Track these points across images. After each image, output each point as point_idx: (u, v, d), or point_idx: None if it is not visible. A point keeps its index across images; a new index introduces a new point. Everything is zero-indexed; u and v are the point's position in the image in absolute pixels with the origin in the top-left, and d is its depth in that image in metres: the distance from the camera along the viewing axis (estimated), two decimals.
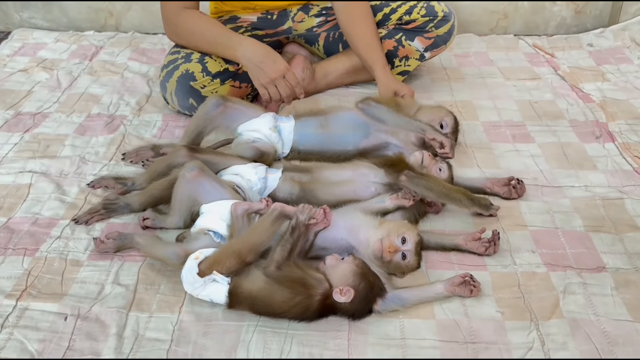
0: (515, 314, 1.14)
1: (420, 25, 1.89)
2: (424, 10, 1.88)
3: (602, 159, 1.60)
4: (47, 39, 2.36)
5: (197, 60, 1.73)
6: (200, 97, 1.73)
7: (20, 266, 1.26)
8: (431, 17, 1.88)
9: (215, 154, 1.46)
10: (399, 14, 1.88)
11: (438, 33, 1.90)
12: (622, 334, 1.10)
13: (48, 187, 1.49)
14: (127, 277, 1.23)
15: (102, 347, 1.08)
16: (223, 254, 1.14)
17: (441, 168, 1.42)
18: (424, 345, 1.08)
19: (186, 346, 1.09)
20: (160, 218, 1.35)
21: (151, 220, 1.35)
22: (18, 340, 1.09)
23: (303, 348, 1.08)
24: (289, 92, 1.63)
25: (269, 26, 1.92)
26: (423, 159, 1.43)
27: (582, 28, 2.50)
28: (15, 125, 1.78)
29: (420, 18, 1.88)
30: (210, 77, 1.72)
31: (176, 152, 1.40)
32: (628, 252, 1.29)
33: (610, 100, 1.89)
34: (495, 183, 1.46)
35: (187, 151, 1.39)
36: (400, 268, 1.21)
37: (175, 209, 1.31)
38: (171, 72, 1.74)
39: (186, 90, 1.73)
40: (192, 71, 1.71)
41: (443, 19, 1.89)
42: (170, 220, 1.33)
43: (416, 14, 1.88)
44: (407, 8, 1.88)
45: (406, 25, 1.89)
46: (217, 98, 1.54)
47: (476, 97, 1.94)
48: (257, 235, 1.17)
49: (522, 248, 1.30)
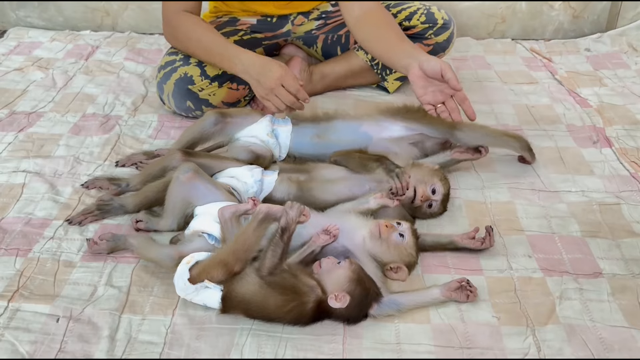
0: (511, 319, 1.13)
1: (420, 32, 1.88)
2: (424, 17, 1.87)
3: (599, 164, 1.60)
4: (42, 38, 2.35)
5: (196, 64, 1.71)
6: (198, 99, 1.72)
7: (13, 267, 1.24)
8: (431, 24, 1.87)
9: (211, 157, 1.45)
10: (399, 19, 1.86)
11: (437, 40, 1.89)
12: (618, 340, 1.09)
13: (42, 187, 1.48)
14: (121, 279, 1.22)
15: (94, 350, 1.07)
16: (211, 263, 1.11)
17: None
18: (420, 350, 1.07)
19: (179, 349, 1.07)
20: (153, 220, 1.33)
21: (144, 222, 1.33)
22: (9, 342, 1.07)
23: (297, 352, 1.07)
24: (292, 99, 1.54)
25: (268, 29, 1.91)
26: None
27: (579, 33, 2.51)
28: (9, 124, 1.76)
29: (419, 25, 1.87)
30: (208, 80, 1.71)
31: (171, 155, 1.39)
32: (625, 258, 1.28)
33: (607, 106, 1.89)
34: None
35: (181, 155, 1.37)
36: (399, 250, 1.21)
37: (168, 212, 1.30)
38: (169, 74, 1.73)
39: (184, 93, 1.72)
40: (191, 75, 1.70)
41: (443, 26, 1.88)
42: (164, 223, 1.31)
43: (416, 21, 1.87)
44: (407, 14, 1.87)
45: (405, 31, 1.86)
46: (215, 115, 1.50)
47: (473, 101, 1.89)
48: (242, 243, 1.12)
49: (518, 253, 1.30)
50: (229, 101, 1.78)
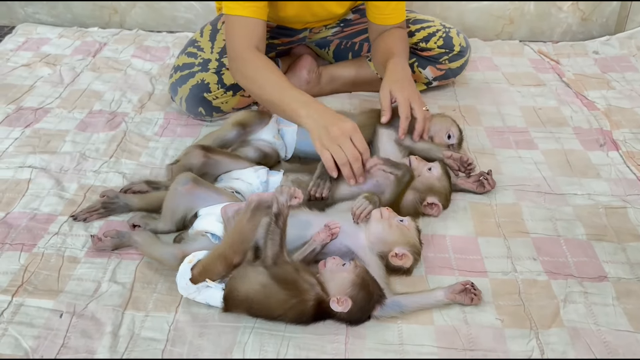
0: (515, 322, 1.13)
1: (435, 56, 1.85)
2: (442, 41, 1.83)
3: (606, 167, 1.59)
4: (50, 35, 2.36)
5: (214, 71, 1.70)
6: (211, 106, 1.73)
7: (17, 262, 1.25)
8: (447, 49, 1.84)
9: (228, 155, 1.45)
10: (417, 39, 1.84)
11: (450, 66, 1.88)
12: (622, 344, 1.08)
13: (47, 183, 1.48)
14: (124, 275, 1.22)
15: (97, 346, 1.07)
16: (211, 259, 1.11)
17: (431, 167, 1.41)
18: (422, 352, 1.07)
19: (182, 346, 1.07)
20: (150, 224, 1.32)
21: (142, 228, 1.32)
22: (12, 337, 1.08)
23: (300, 351, 1.07)
24: (356, 154, 1.33)
25: (285, 35, 1.86)
26: (410, 163, 1.41)
27: (588, 35, 2.49)
28: (16, 120, 1.77)
29: (436, 49, 1.84)
30: (224, 89, 1.71)
31: (191, 153, 1.39)
32: (630, 262, 1.27)
33: (615, 109, 1.88)
34: (466, 179, 1.48)
35: (201, 151, 1.38)
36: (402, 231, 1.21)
37: (167, 217, 1.30)
38: (185, 77, 1.72)
39: (198, 99, 1.72)
40: (208, 82, 1.70)
41: (459, 53, 1.86)
42: (162, 226, 1.31)
43: (433, 44, 1.83)
44: (425, 35, 1.84)
45: (421, 51, 1.85)
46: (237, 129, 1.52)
47: (480, 103, 1.92)
48: (237, 233, 1.13)
49: (523, 255, 1.29)
50: (240, 107, 1.79)
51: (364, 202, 1.27)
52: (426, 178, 1.39)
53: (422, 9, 1.90)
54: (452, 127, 1.57)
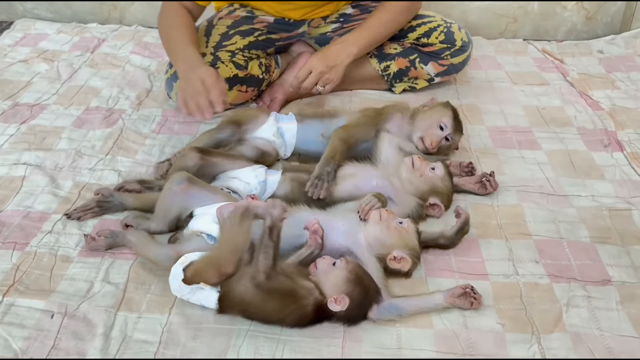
0: (516, 326, 1.10)
1: (437, 51, 1.84)
2: (443, 36, 1.82)
3: (610, 169, 1.56)
4: (49, 30, 2.33)
5: (209, 65, 1.66)
6: None
7: (9, 261, 1.23)
8: (449, 44, 1.83)
9: (224, 155, 1.42)
10: (417, 34, 1.82)
11: (452, 62, 1.86)
12: (626, 350, 1.06)
13: (42, 180, 1.46)
14: (118, 276, 1.20)
15: (88, 347, 1.05)
16: (203, 265, 1.08)
17: (435, 167, 1.38)
18: (421, 356, 1.05)
19: (175, 349, 1.05)
20: (143, 224, 1.29)
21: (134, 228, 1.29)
22: (2, 337, 1.06)
23: (295, 355, 1.04)
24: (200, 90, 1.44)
25: (284, 30, 1.84)
26: (413, 163, 1.38)
27: (592, 34, 2.46)
28: (12, 116, 1.75)
29: (438, 44, 1.82)
30: None
31: (187, 155, 1.36)
32: (634, 266, 1.25)
33: (619, 109, 1.85)
34: (468, 180, 1.46)
35: (197, 153, 1.35)
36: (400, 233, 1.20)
37: (160, 217, 1.27)
38: None
39: None
40: None
41: (460, 48, 1.84)
42: (155, 226, 1.28)
43: (434, 39, 1.82)
44: (426, 29, 1.82)
45: (422, 47, 1.83)
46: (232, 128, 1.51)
47: (482, 101, 1.90)
48: (227, 242, 1.09)
49: (525, 258, 1.26)
50: (238, 103, 1.76)
51: (373, 199, 1.26)
52: (429, 178, 1.36)
53: (425, 7, 1.87)
54: (442, 117, 1.50)
